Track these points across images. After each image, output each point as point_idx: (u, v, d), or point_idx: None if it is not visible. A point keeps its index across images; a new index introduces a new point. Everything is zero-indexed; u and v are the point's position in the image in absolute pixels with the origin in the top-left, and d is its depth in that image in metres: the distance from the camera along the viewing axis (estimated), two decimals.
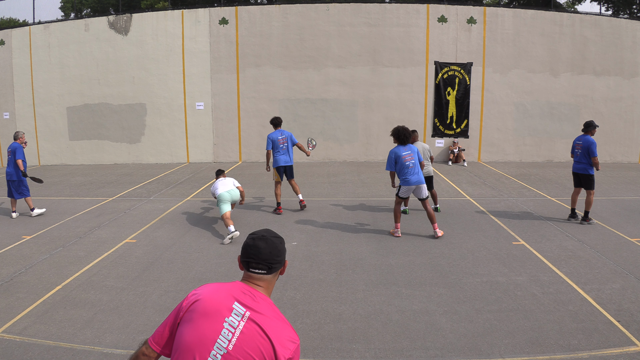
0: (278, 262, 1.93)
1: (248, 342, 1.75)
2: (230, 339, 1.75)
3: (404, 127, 7.33)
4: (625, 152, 15.98)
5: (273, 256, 1.90)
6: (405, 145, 7.27)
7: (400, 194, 7.36)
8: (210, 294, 1.85)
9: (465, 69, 15.65)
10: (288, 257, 6.53)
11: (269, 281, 1.92)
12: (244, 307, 1.80)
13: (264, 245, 1.90)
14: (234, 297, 1.83)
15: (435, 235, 7.27)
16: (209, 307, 1.80)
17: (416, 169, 7.21)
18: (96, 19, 16.17)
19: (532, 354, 4.06)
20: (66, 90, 16.14)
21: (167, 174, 13.89)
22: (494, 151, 16.03)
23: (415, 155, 7.23)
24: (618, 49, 15.54)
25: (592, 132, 8.11)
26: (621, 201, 9.86)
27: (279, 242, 1.95)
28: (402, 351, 4.14)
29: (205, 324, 1.78)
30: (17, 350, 4.17)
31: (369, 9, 15.59)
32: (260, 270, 1.90)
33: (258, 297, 1.86)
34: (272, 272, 1.92)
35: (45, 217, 8.91)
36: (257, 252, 1.89)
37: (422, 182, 7.25)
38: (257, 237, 1.93)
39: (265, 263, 1.89)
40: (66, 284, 5.68)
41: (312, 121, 16.04)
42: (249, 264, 1.90)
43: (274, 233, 1.99)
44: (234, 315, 1.78)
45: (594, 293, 5.26)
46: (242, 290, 1.86)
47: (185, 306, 1.86)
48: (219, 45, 15.84)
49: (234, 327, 1.76)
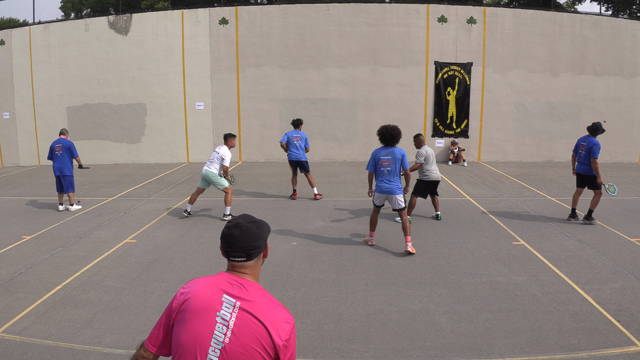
0: (256, 247, 1.91)
1: (243, 332, 1.75)
2: (225, 332, 1.75)
3: (391, 127, 6.63)
4: (625, 152, 15.98)
5: (250, 242, 1.89)
6: (388, 147, 6.60)
7: (374, 200, 6.82)
8: (198, 291, 1.84)
9: (465, 69, 15.65)
10: (288, 256, 6.54)
11: (252, 267, 1.92)
12: (234, 298, 1.80)
13: (239, 232, 1.89)
14: (222, 289, 1.83)
15: (405, 249, 6.57)
16: (199, 305, 1.80)
17: (391, 177, 6.53)
18: (96, 19, 16.16)
19: (532, 354, 4.06)
20: (66, 90, 16.14)
21: (167, 174, 13.89)
22: (494, 151, 16.03)
23: (395, 162, 6.51)
24: (618, 49, 15.54)
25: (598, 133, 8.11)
26: (621, 201, 9.86)
27: (255, 227, 1.92)
28: (402, 351, 4.14)
29: (198, 322, 1.78)
30: (17, 350, 4.16)
31: (369, 9, 15.58)
32: (240, 257, 1.89)
33: (246, 284, 1.85)
34: (252, 257, 1.91)
35: (45, 217, 8.91)
36: (234, 240, 1.89)
37: (393, 193, 6.56)
38: (232, 225, 1.92)
39: (243, 250, 1.88)
40: (66, 284, 5.68)
41: (312, 121, 16.03)
42: (229, 253, 1.91)
43: (250, 218, 1.96)
44: (224, 307, 1.78)
45: (594, 293, 5.26)
46: (229, 281, 1.86)
47: (175, 307, 1.86)
48: (219, 45, 15.84)
49: (227, 320, 1.76)
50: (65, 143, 9.51)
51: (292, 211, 9.14)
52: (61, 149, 9.47)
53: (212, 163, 8.45)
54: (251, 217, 1.98)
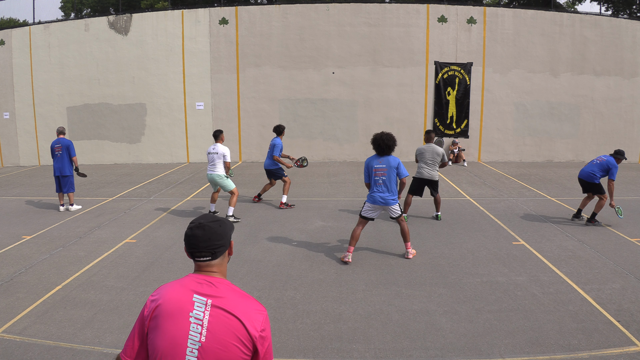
0: (220, 245, 1.91)
1: (218, 328, 1.76)
2: (200, 331, 1.76)
3: (385, 135, 6.21)
4: (625, 152, 15.96)
5: (213, 241, 1.89)
6: (382, 156, 6.23)
7: (363, 212, 6.34)
8: (168, 295, 1.85)
9: (465, 69, 15.65)
10: (288, 256, 6.54)
11: (219, 265, 1.93)
12: (204, 296, 1.81)
13: (201, 232, 1.89)
14: (192, 289, 1.84)
15: (406, 256, 6.45)
16: (171, 308, 1.80)
17: (386, 188, 6.17)
18: (96, 19, 16.17)
19: (532, 354, 4.06)
20: (66, 90, 16.14)
21: (167, 174, 13.89)
22: (494, 151, 16.03)
23: (390, 171, 6.15)
24: (618, 49, 15.54)
25: (619, 160, 8.12)
26: (621, 201, 9.86)
27: (217, 226, 1.92)
28: (402, 351, 4.14)
29: (173, 325, 1.78)
30: (17, 350, 4.16)
31: (369, 9, 15.59)
32: (205, 257, 1.90)
33: (214, 282, 1.87)
34: (218, 256, 1.92)
35: (45, 217, 8.91)
36: (197, 240, 1.89)
37: (388, 204, 6.21)
38: (194, 225, 1.92)
39: (207, 250, 1.89)
40: (66, 284, 5.68)
41: (312, 121, 16.04)
42: (193, 254, 1.91)
43: (212, 217, 1.97)
44: (196, 307, 1.79)
45: (594, 293, 5.26)
46: (197, 281, 1.86)
47: (147, 314, 1.85)
48: (219, 45, 15.84)
49: (201, 319, 1.77)
50: (64, 142, 9.49)
51: (292, 211, 9.14)
52: (61, 148, 9.45)
53: (215, 165, 8.26)
54: (213, 216, 1.98)
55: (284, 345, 4.25)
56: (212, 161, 8.28)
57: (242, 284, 5.59)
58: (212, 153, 8.26)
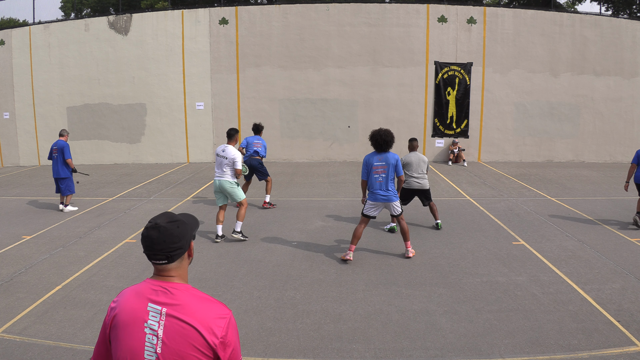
0: (177, 248, 1.78)
1: (174, 339, 1.69)
2: (155, 342, 1.70)
3: (384, 132, 6.18)
4: (625, 152, 15.97)
5: (169, 244, 1.76)
6: (381, 153, 6.18)
7: (365, 210, 6.31)
8: (125, 303, 1.78)
9: (465, 69, 15.65)
10: (288, 256, 6.54)
11: (177, 268, 1.81)
12: (159, 305, 1.73)
13: (156, 234, 1.76)
14: (147, 297, 1.76)
15: (406, 255, 6.41)
16: (126, 318, 1.75)
17: (386, 185, 6.14)
18: (96, 19, 16.17)
19: (532, 354, 4.06)
20: (66, 90, 16.14)
21: (167, 174, 13.89)
22: (494, 151, 16.03)
23: (389, 168, 6.11)
24: (618, 49, 15.54)
25: None
26: (621, 201, 9.86)
27: (174, 227, 1.79)
28: (402, 351, 4.14)
29: (129, 336, 1.73)
30: (17, 350, 4.16)
31: (369, 9, 15.58)
32: (161, 260, 1.78)
33: (171, 288, 1.77)
34: (174, 259, 1.79)
35: (45, 217, 8.91)
36: (151, 242, 1.77)
37: (391, 201, 6.19)
38: (150, 226, 1.79)
39: (162, 253, 1.77)
40: (66, 284, 5.68)
41: (312, 121, 16.04)
42: (149, 256, 1.80)
43: (170, 217, 1.83)
44: (151, 317, 1.72)
45: (594, 293, 5.26)
46: (153, 288, 1.77)
47: (108, 323, 1.81)
48: (219, 45, 15.84)
49: (155, 329, 1.71)
50: (60, 145, 9.37)
51: (292, 211, 9.14)
52: (57, 151, 9.38)
53: (224, 170, 7.11)
54: (172, 215, 1.85)
55: (284, 345, 4.25)
56: (221, 165, 7.12)
57: (242, 284, 5.59)
58: (221, 156, 7.15)
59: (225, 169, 7.08)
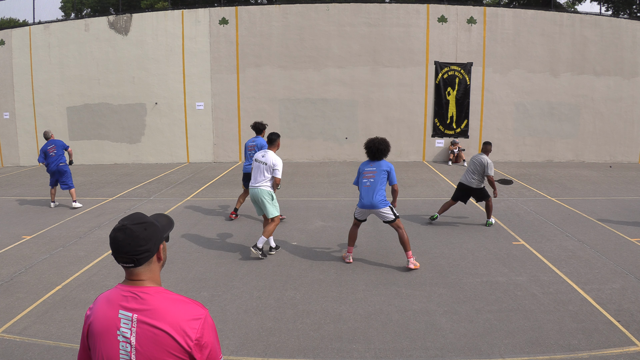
0: (144, 252, 1.72)
1: (146, 345, 1.66)
2: (129, 350, 1.67)
3: (378, 141, 6.05)
4: (625, 152, 15.98)
5: (135, 247, 1.70)
6: (374, 161, 6.08)
7: (356, 214, 6.27)
8: (98, 312, 1.76)
9: (465, 69, 15.65)
10: (288, 257, 6.53)
11: (146, 272, 1.75)
12: (129, 311, 1.70)
13: (122, 236, 1.70)
14: (118, 304, 1.72)
15: (407, 265, 6.00)
16: (100, 327, 1.73)
17: (373, 191, 5.91)
18: (96, 19, 16.17)
19: (532, 354, 4.06)
20: (66, 90, 16.14)
21: (167, 174, 13.89)
22: (494, 151, 15.99)
23: (379, 175, 5.94)
24: (618, 49, 15.54)
25: None
26: (621, 201, 9.86)
27: (141, 230, 1.72)
28: (402, 351, 4.14)
29: (104, 345, 1.71)
30: (17, 350, 4.16)
31: (369, 9, 15.59)
32: (127, 263, 1.72)
33: (141, 293, 1.72)
34: (141, 263, 1.73)
35: (45, 217, 8.91)
36: (117, 245, 1.71)
37: (375, 208, 5.94)
38: (117, 228, 1.73)
39: (127, 256, 1.70)
40: (66, 284, 5.68)
41: (312, 121, 16.04)
42: (116, 258, 1.74)
43: (139, 219, 1.75)
44: (123, 324, 1.69)
45: (594, 293, 5.26)
46: (123, 294, 1.73)
47: (85, 331, 1.80)
48: (219, 45, 15.84)
49: (128, 337, 1.68)
50: (58, 142, 9.63)
51: (292, 211, 9.14)
52: (55, 148, 9.58)
53: (262, 177, 6.36)
54: (141, 217, 1.77)
55: (284, 345, 4.25)
56: (260, 171, 6.40)
57: (242, 284, 5.59)
58: (260, 162, 6.42)
59: (265, 174, 6.36)
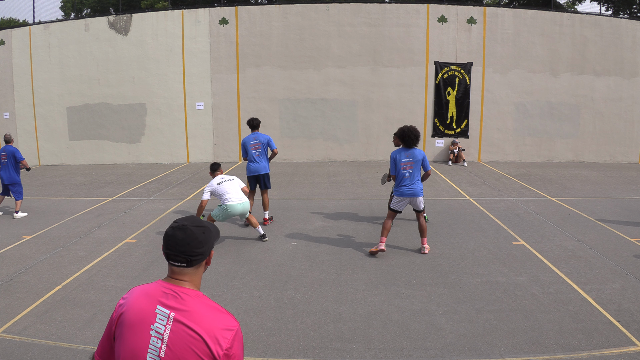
0: (198, 254, 1.77)
1: (178, 345, 1.67)
2: (160, 346, 1.68)
3: (413, 128, 6.43)
4: (625, 152, 15.97)
5: (192, 248, 1.75)
6: (409, 149, 6.42)
7: (392, 205, 6.57)
8: (133, 303, 1.77)
9: (465, 69, 15.65)
10: (288, 256, 6.54)
11: (192, 274, 1.79)
12: (168, 309, 1.71)
13: (182, 235, 1.75)
14: (157, 299, 1.74)
15: (422, 251, 6.61)
16: (133, 318, 1.73)
17: (413, 180, 6.37)
18: (96, 19, 16.16)
19: (532, 354, 4.06)
20: (66, 90, 16.14)
21: (167, 174, 13.89)
22: (494, 151, 16.02)
23: (417, 164, 6.37)
24: (618, 49, 15.54)
25: None
26: (621, 201, 9.86)
27: (200, 232, 1.77)
28: (402, 351, 4.14)
29: (134, 337, 1.71)
30: (17, 350, 4.16)
31: (369, 9, 15.59)
32: (180, 262, 1.76)
33: (182, 293, 1.75)
34: (193, 264, 1.77)
35: (45, 217, 8.90)
36: (175, 243, 1.75)
37: (417, 195, 6.41)
38: (176, 226, 1.78)
39: (183, 255, 1.75)
40: (66, 284, 5.68)
41: (312, 121, 16.04)
42: (169, 256, 1.78)
43: (198, 222, 1.81)
44: (158, 320, 1.70)
45: (594, 293, 5.26)
46: (164, 290, 1.75)
47: (114, 319, 1.80)
48: (219, 45, 15.84)
49: (161, 333, 1.68)
50: (9, 150, 8.95)
51: (292, 211, 9.14)
52: (6, 156, 8.93)
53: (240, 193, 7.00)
54: (199, 220, 1.83)
55: (284, 345, 4.25)
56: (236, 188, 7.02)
57: (242, 284, 5.59)
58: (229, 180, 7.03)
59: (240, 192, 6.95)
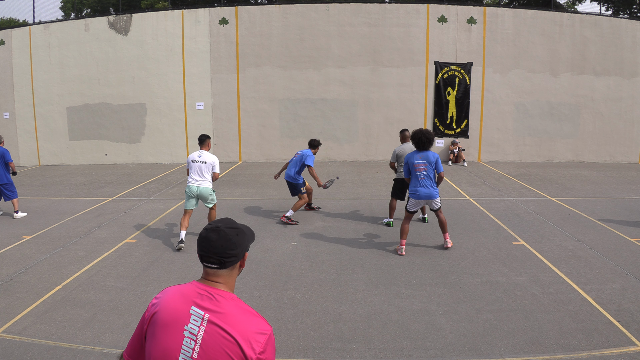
0: (232, 255, 1.77)
1: (212, 346, 1.67)
2: (193, 347, 1.68)
3: (425, 131, 6.52)
4: (625, 152, 15.98)
5: (225, 249, 1.76)
6: (422, 151, 6.52)
7: (409, 207, 6.69)
8: (168, 302, 1.77)
9: (465, 69, 15.65)
10: (288, 256, 6.54)
11: (226, 276, 1.80)
12: (202, 310, 1.72)
13: (216, 237, 1.76)
14: (192, 300, 1.74)
15: (445, 245, 6.81)
16: (167, 318, 1.73)
17: (428, 182, 6.49)
18: (96, 19, 16.17)
19: (532, 354, 4.06)
20: (66, 90, 16.14)
21: (167, 174, 13.89)
22: (494, 151, 16.02)
23: (430, 166, 6.45)
24: (618, 49, 15.54)
25: None
26: (621, 201, 9.86)
27: (234, 234, 1.78)
28: (402, 351, 4.14)
29: (166, 336, 1.71)
30: (17, 350, 4.16)
31: (369, 9, 15.58)
32: (213, 264, 1.77)
33: (216, 295, 1.75)
34: (227, 266, 1.78)
35: (45, 217, 8.90)
36: (209, 244, 1.76)
37: (433, 197, 6.55)
38: (210, 228, 1.79)
39: (217, 257, 1.76)
40: (66, 284, 5.68)
41: (312, 121, 16.04)
42: (202, 257, 1.79)
43: (232, 224, 1.82)
44: (192, 321, 1.71)
45: (594, 293, 5.26)
46: (199, 292, 1.76)
47: (147, 318, 1.80)
48: (219, 45, 15.84)
49: (195, 334, 1.69)
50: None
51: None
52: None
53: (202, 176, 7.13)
54: (234, 222, 1.84)
55: (284, 345, 4.25)
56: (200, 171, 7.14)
57: (242, 284, 5.59)
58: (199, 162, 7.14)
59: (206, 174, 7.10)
